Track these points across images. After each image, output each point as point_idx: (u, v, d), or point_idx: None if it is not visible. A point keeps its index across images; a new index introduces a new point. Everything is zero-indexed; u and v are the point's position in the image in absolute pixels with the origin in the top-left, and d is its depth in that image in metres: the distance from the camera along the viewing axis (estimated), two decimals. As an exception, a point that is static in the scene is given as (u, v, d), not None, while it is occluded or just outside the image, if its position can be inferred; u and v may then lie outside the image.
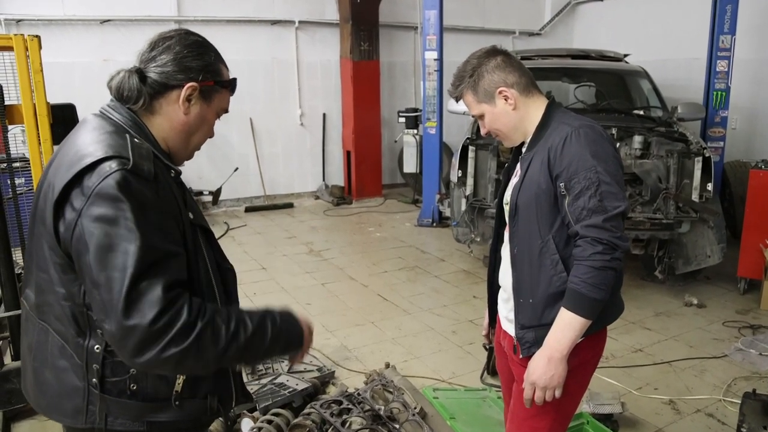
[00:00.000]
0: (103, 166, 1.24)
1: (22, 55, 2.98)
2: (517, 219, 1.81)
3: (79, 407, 1.35)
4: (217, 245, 1.53)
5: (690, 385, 3.59)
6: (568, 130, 1.70)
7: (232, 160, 8.52)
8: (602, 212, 1.63)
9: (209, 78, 1.44)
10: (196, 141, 1.51)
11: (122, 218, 1.21)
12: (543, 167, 1.72)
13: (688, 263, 4.92)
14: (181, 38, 1.43)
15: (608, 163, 1.67)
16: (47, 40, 6.58)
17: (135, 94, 1.38)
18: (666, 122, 5.48)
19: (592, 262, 1.62)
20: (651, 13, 9.19)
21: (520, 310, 1.83)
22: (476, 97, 1.83)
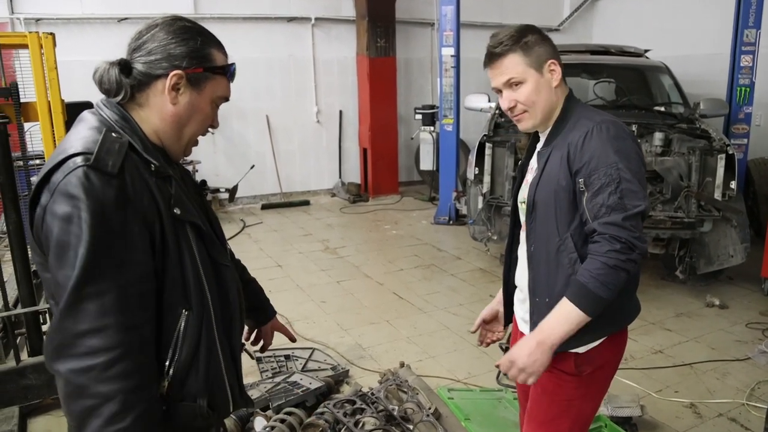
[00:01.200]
0: (68, 163, 1.21)
1: (36, 52, 2.99)
2: (535, 216, 1.74)
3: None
4: (212, 242, 1.44)
5: (712, 389, 3.51)
6: (590, 125, 1.64)
7: (248, 157, 8.53)
8: (622, 210, 1.57)
9: (196, 64, 1.36)
10: (189, 132, 1.42)
11: (76, 217, 1.17)
12: (563, 163, 1.66)
13: (710, 263, 4.82)
14: (166, 24, 1.36)
15: (630, 160, 1.61)
16: (66, 39, 6.70)
17: (114, 86, 1.33)
18: (688, 119, 5.37)
19: (607, 259, 1.55)
20: (673, 8, 9.03)
21: (535, 310, 1.77)
22: (526, 59, 1.68)
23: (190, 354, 1.35)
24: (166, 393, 1.32)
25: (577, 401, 1.75)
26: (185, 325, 1.34)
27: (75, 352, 1.18)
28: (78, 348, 1.17)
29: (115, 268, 1.20)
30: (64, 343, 1.18)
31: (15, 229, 3.10)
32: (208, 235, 1.44)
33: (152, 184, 1.30)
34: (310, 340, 4.15)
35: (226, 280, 1.47)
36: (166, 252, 1.30)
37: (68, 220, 1.18)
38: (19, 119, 3.06)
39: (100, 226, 1.18)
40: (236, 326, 1.52)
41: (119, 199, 1.22)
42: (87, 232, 1.17)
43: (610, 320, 1.70)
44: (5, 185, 3.05)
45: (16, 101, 3.03)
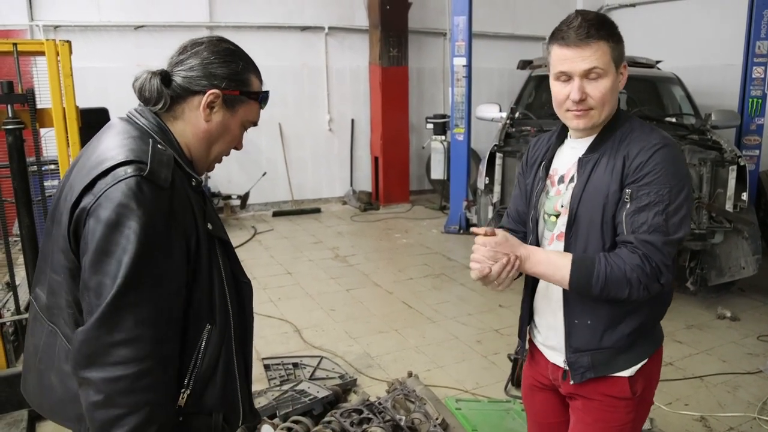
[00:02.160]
0: (118, 170, 1.23)
1: (53, 59, 3.04)
2: (576, 230, 1.61)
3: (81, 414, 1.32)
4: (236, 258, 1.49)
5: (723, 402, 3.48)
6: (653, 140, 1.55)
7: (260, 164, 8.59)
8: (663, 233, 1.49)
9: (234, 87, 1.41)
10: (217, 151, 1.46)
11: (125, 226, 1.18)
12: (615, 176, 1.55)
13: (721, 275, 4.78)
14: (211, 44, 1.41)
15: (684, 187, 1.53)
16: (83, 46, 6.81)
17: (155, 95, 1.36)
18: (699, 130, 5.35)
19: (629, 270, 1.48)
20: (685, 19, 9.02)
21: (573, 333, 1.67)
22: (614, 53, 1.54)
23: (210, 368, 1.37)
24: (184, 405, 1.34)
25: (629, 425, 1.70)
26: (207, 339, 1.36)
27: (108, 361, 1.18)
28: (111, 357, 1.18)
29: (154, 281, 1.21)
30: (98, 352, 1.18)
31: (28, 234, 3.15)
32: (233, 252, 1.48)
33: (192, 199, 1.33)
34: (318, 348, 4.15)
35: (245, 296, 1.51)
36: (198, 266, 1.32)
37: (114, 227, 1.18)
38: (34, 125, 3.12)
39: (148, 238, 1.19)
40: (250, 342, 1.55)
41: (168, 213, 1.24)
42: (134, 243, 1.18)
43: (654, 338, 1.69)
44: (20, 190, 3.10)
45: (32, 107, 3.08)
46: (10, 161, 3.07)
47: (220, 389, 1.39)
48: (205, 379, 1.36)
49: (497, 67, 9.47)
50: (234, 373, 1.43)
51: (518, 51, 9.19)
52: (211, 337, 1.36)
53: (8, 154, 3.07)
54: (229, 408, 1.44)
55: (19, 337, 3.48)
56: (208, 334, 1.36)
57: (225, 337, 1.39)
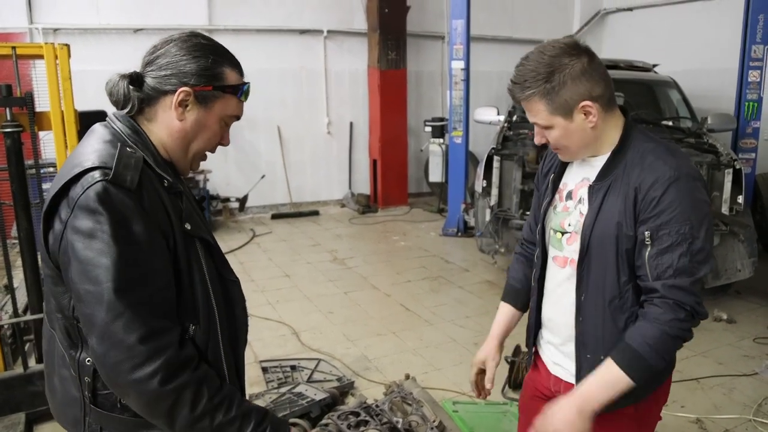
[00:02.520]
0: (86, 177, 1.23)
1: (51, 63, 3.06)
2: (588, 261, 1.56)
3: (78, 418, 1.35)
4: (221, 257, 1.48)
5: (718, 404, 3.49)
6: (666, 171, 1.46)
7: (259, 167, 8.61)
8: (690, 275, 1.43)
9: (205, 82, 1.36)
10: (195, 148, 1.43)
11: (99, 231, 1.19)
12: (627, 207, 1.49)
13: (717, 277, 4.80)
14: (180, 41, 1.37)
15: (705, 219, 1.46)
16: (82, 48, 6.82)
17: (122, 98, 1.35)
18: (695, 133, 5.38)
19: (669, 328, 1.42)
20: (681, 23, 9.05)
21: (584, 366, 1.62)
22: (550, 107, 1.48)
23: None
24: None
25: None
26: (192, 340, 1.35)
27: (135, 363, 1.19)
28: (136, 358, 1.19)
29: (143, 278, 1.23)
30: (121, 358, 1.19)
31: (26, 237, 3.16)
32: (217, 251, 1.47)
33: (165, 199, 1.32)
34: (316, 350, 4.17)
35: (233, 295, 1.50)
36: (176, 267, 1.32)
37: (91, 235, 1.19)
38: (32, 128, 3.13)
39: (123, 239, 1.20)
40: (241, 342, 1.54)
41: (138, 213, 1.24)
42: (112, 246, 1.19)
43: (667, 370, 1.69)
44: (18, 193, 3.11)
45: (31, 110, 3.09)
46: (8, 164, 3.08)
47: None
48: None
49: (496, 70, 9.49)
50: (223, 373, 1.42)
51: (517, 54, 9.02)
52: (195, 337, 1.35)
53: (6, 157, 3.07)
54: None
55: (17, 340, 3.49)
56: (192, 333, 1.35)
57: (210, 337, 1.38)
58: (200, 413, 1.25)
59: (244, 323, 1.54)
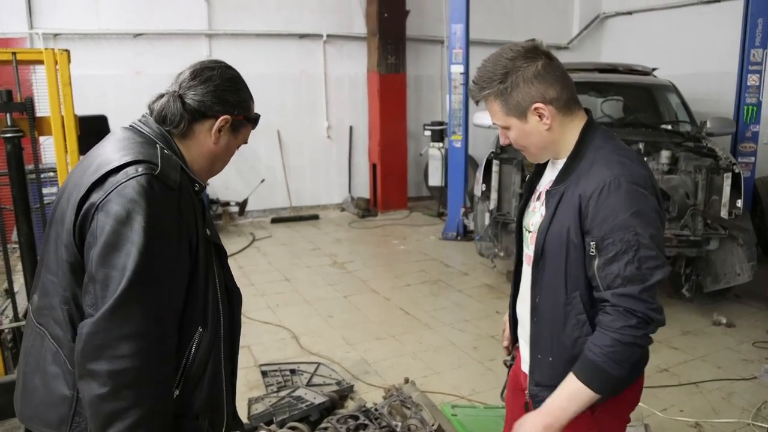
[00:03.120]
0: (129, 168, 1.28)
1: (52, 68, 3.07)
2: (543, 266, 1.58)
3: (65, 417, 1.34)
4: (228, 267, 1.55)
5: (717, 408, 3.50)
6: (607, 177, 1.45)
7: (259, 171, 8.62)
8: (639, 282, 1.41)
9: (241, 113, 1.51)
10: (218, 168, 1.57)
11: (135, 221, 1.23)
12: (575, 215, 1.49)
13: (716, 281, 4.81)
14: (222, 71, 1.49)
15: (650, 223, 1.44)
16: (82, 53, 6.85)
17: (178, 118, 1.43)
18: (695, 137, 5.39)
19: (621, 335, 1.42)
20: (681, 27, 9.08)
21: (536, 366, 1.66)
22: (505, 107, 1.53)
23: (199, 372, 1.40)
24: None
25: None
26: (198, 344, 1.39)
27: (117, 354, 1.21)
28: (120, 350, 1.21)
29: (160, 276, 1.26)
30: (107, 344, 1.21)
31: (26, 241, 3.16)
32: (227, 260, 1.54)
33: (196, 203, 1.39)
34: (315, 354, 4.17)
35: (235, 305, 1.55)
36: (195, 269, 1.37)
37: (123, 222, 1.23)
38: (33, 133, 3.14)
39: (155, 234, 1.24)
40: (237, 350, 1.59)
41: (176, 212, 1.30)
42: (142, 237, 1.22)
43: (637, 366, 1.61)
44: (18, 198, 3.11)
45: (31, 116, 3.10)
46: (8, 169, 3.09)
47: (206, 393, 1.42)
48: (193, 381, 1.39)
49: (495, 74, 9.48)
50: (221, 379, 1.46)
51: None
52: (202, 340, 1.39)
53: (7, 162, 3.08)
54: (215, 413, 1.47)
55: (17, 344, 3.49)
56: (199, 337, 1.39)
57: (215, 342, 1.42)
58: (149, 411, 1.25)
59: (239, 331, 1.59)
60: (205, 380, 1.41)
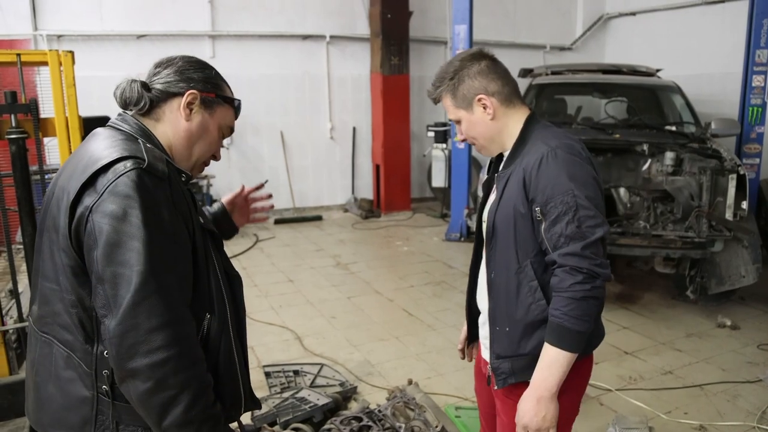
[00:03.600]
0: (117, 166, 1.28)
1: (56, 70, 3.07)
2: (495, 242, 1.72)
3: (87, 417, 1.35)
4: (224, 252, 1.57)
5: (722, 410, 3.48)
6: (544, 150, 1.62)
7: (262, 172, 8.63)
8: (581, 239, 1.54)
9: (210, 89, 1.51)
10: (198, 151, 1.52)
11: (131, 215, 1.23)
12: (520, 188, 1.63)
13: (721, 283, 4.79)
14: (183, 57, 1.53)
15: (587, 186, 1.58)
16: (87, 55, 6.88)
17: (136, 96, 1.44)
18: (699, 138, 5.37)
19: (573, 293, 1.53)
20: (685, 27, 9.06)
21: (495, 339, 1.75)
22: (454, 101, 1.75)
23: (212, 357, 1.42)
24: None
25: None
26: (208, 329, 1.41)
27: (151, 348, 1.22)
28: (153, 343, 1.22)
29: (168, 266, 1.27)
30: (139, 341, 1.22)
31: (31, 242, 3.16)
32: (222, 245, 1.55)
33: (186, 192, 1.41)
34: (319, 355, 4.17)
35: (236, 289, 1.56)
36: (195, 257, 1.38)
37: (121, 219, 1.23)
38: (37, 134, 3.14)
39: (154, 225, 1.25)
40: (245, 332, 1.60)
41: (168, 201, 1.31)
42: (142, 230, 1.23)
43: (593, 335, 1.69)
44: (23, 198, 3.12)
45: (35, 117, 3.11)
46: (13, 170, 3.09)
47: (222, 377, 1.44)
48: (208, 367, 1.40)
49: (498, 75, 9.47)
50: (234, 362, 1.48)
51: (519, 59, 9.21)
52: (211, 326, 1.41)
53: (11, 163, 3.09)
54: (232, 396, 1.49)
55: (22, 344, 3.50)
56: (208, 323, 1.41)
57: (224, 327, 1.45)
58: (190, 418, 1.27)
59: (244, 316, 1.60)
60: (219, 365, 1.43)
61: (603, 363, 4.03)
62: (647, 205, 5.02)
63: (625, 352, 4.22)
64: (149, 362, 1.22)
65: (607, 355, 4.14)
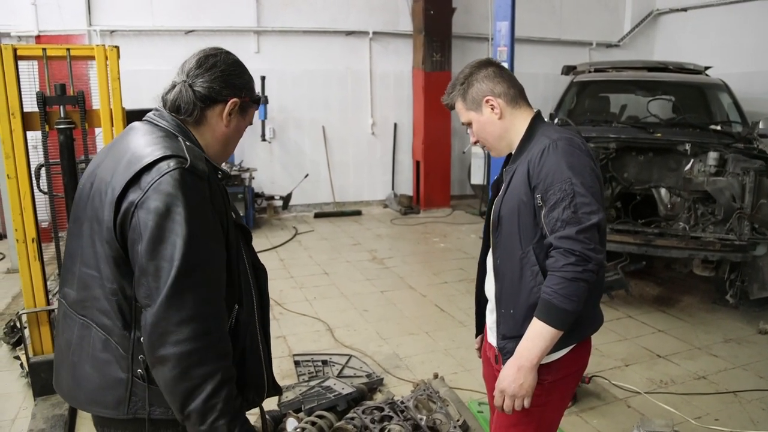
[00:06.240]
0: (161, 164, 1.35)
1: (102, 64, 3.22)
2: (500, 230, 1.83)
3: (122, 398, 1.43)
4: (252, 246, 1.65)
5: (756, 419, 3.39)
6: (547, 142, 1.73)
7: (303, 166, 8.77)
8: (576, 224, 1.63)
9: (247, 95, 1.58)
10: (230, 150, 1.63)
11: (175, 213, 1.31)
12: (524, 179, 1.74)
13: (764, 288, 4.63)
14: (224, 57, 1.56)
15: (584, 175, 1.68)
16: (137, 49, 7.12)
17: (191, 107, 1.50)
18: (745, 138, 5.20)
19: (564, 273, 1.62)
20: (737, 23, 8.76)
21: (501, 321, 1.85)
22: (465, 104, 1.89)
23: (239, 345, 1.50)
24: None
25: (537, 408, 1.80)
26: (236, 319, 1.50)
27: (179, 338, 1.31)
28: (182, 334, 1.31)
29: (206, 261, 1.36)
30: (169, 330, 1.31)
31: (76, 228, 3.32)
32: (251, 240, 1.63)
33: (222, 189, 1.49)
34: (349, 347, 4.24)
35: (262, 280, 1.64)
36: (228, 251, 1.46)
37: (165, 216, 1.31)
38: (83, 125, 3.30)
39: (195, 222, 1.33)
40: (268, 323, 1.69)
41: (209, 200, 1.39)
42: (184, 227, 1.31)
43: (572, 332, 1.74)
44: (69, 186, 3.28)
45: (82, 108, 3.27)
46: (60, 158, 3.26)
47: (248, 366, 1.53)
48: (240, 356, 1.49)
49: (542, 72, 9.39)
50: (258, 350, 1.57)
51: (564, 56, 9.09)
52: (239, 317, 1.50)
53: (59, 151, 3.25)
54: (256, 382, 1.58)
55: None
56: (236, 314, 1.50)
57: (250, 317, 1.53)
58: (210, 407, 1.34)
59: (269, 307, 1.69)
60: (246, 353, 1.52)
61: (634, 365, 3.97)
62: (688, 206, 4.91)
63: (658, 355, 4.14)
64: (177, 351, 1.30)
65: (639, 358, 4.07)
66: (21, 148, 3.16)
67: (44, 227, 4.18)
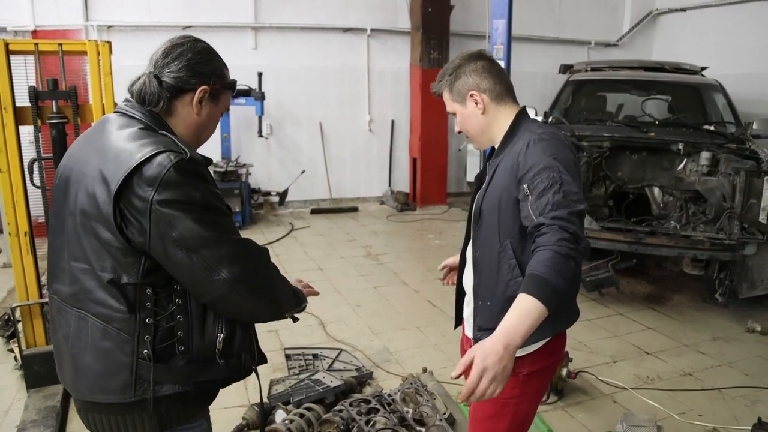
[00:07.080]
0: (161, 159, 1.39)
1: (94, 59, 3.25)
2: (481, 223, 1.85)
3: (127, 382, 1.46)
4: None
5: (739, 415, 3.42)
6: (531, 136, 1.76)
7: (300, 162, 8.79)
8: (566, 207, 1.62)
9: (217, 81, 1.59)
10: (203, 138, 1.67)
11: (194, 198, 1.40)
12: (508, 172, 1.76)
13: (753, 287, 4.67)
14: (191, 45, 1.57)
15: (568, 167, 1.70)
16: (134, 45, 7.12)
17: (156, 97, 1.52)
18: (738, 138, 5.23)
19: (558, 248, 1.53)
20: (736, 24, 8.78)
21: (478, 312, 1.88)
22: (451, 95, 1.93)
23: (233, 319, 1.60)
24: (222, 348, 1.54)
25: (513, 401, 1.83)
26: None
27: (233, 263, 1.46)
28: (229, 262, 1.46)
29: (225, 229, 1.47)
30: (243, 266, 1.48)
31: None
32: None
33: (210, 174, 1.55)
34: (340, 341, 4.27)
35: None
36: None
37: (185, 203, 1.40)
38: (76, 120, 3.33)
39: (208, 200, 1.44)
40: None
41: (212, 180, 1.49)
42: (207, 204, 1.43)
43: (548, 325, 1.64)
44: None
45: (74, 103, 3.30)
46: (53, 153, 3.29)
47: (243, 334, 1.60)
48: (233, 326, 1.57)
49: (540, 71, 9.43)
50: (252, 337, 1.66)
51: (563, 55, 9.12)
52: None
53: (52, 146, 3.29)
54: (248, 349, 1.64)
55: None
56: None
57: None
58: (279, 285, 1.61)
59: None
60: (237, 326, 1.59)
61: (621, 362, 4.01)
62: (680, 205, 4.94)
63: (646, 352, 4.18)
64: (241, 270, 1.47)
65: (627, 354, 4.11)
66: (13, 142, 3.19)
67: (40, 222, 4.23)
